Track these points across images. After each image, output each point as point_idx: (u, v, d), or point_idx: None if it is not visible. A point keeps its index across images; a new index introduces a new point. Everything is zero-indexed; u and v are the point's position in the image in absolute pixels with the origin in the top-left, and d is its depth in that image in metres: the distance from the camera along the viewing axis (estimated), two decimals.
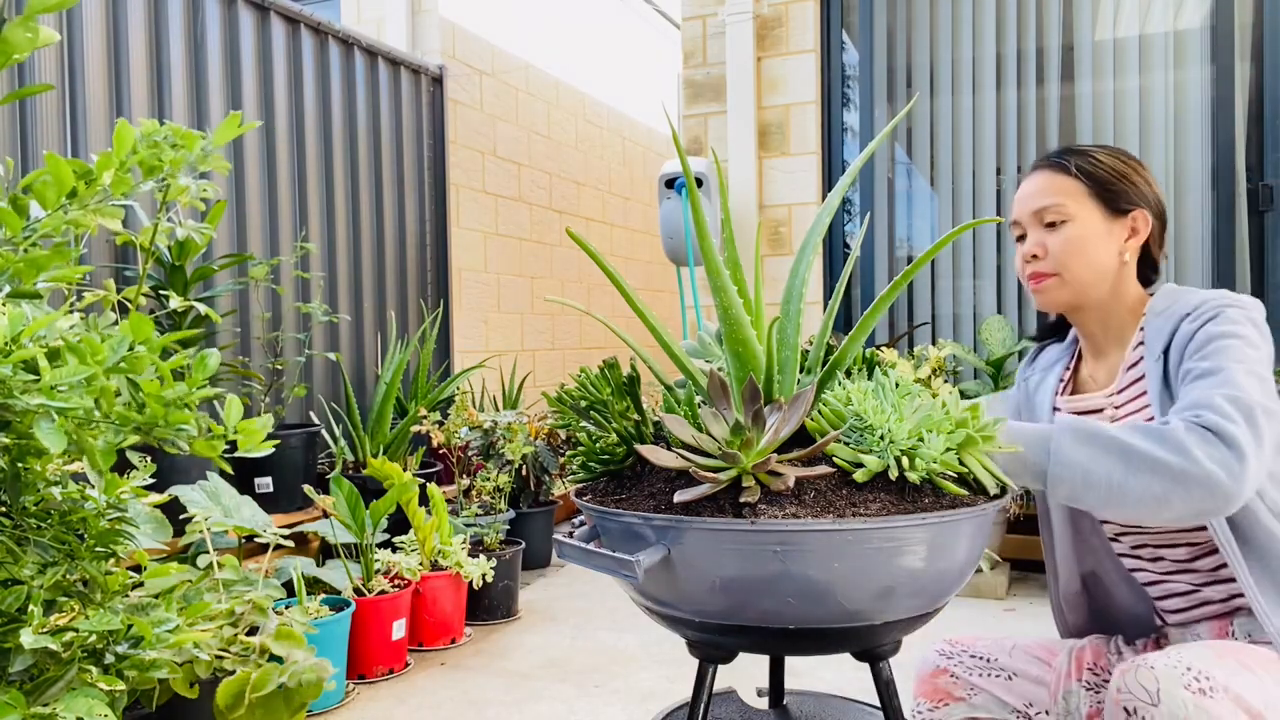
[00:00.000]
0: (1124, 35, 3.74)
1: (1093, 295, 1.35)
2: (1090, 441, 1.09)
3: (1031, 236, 1.36)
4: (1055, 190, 1.34)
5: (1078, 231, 1.33)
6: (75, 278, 1.11)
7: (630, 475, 1.07)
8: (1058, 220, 1.34)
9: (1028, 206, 1.37)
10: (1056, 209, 1.33)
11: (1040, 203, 1.35)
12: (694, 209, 1.01)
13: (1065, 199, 1.33)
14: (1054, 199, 1.34)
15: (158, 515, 1.94)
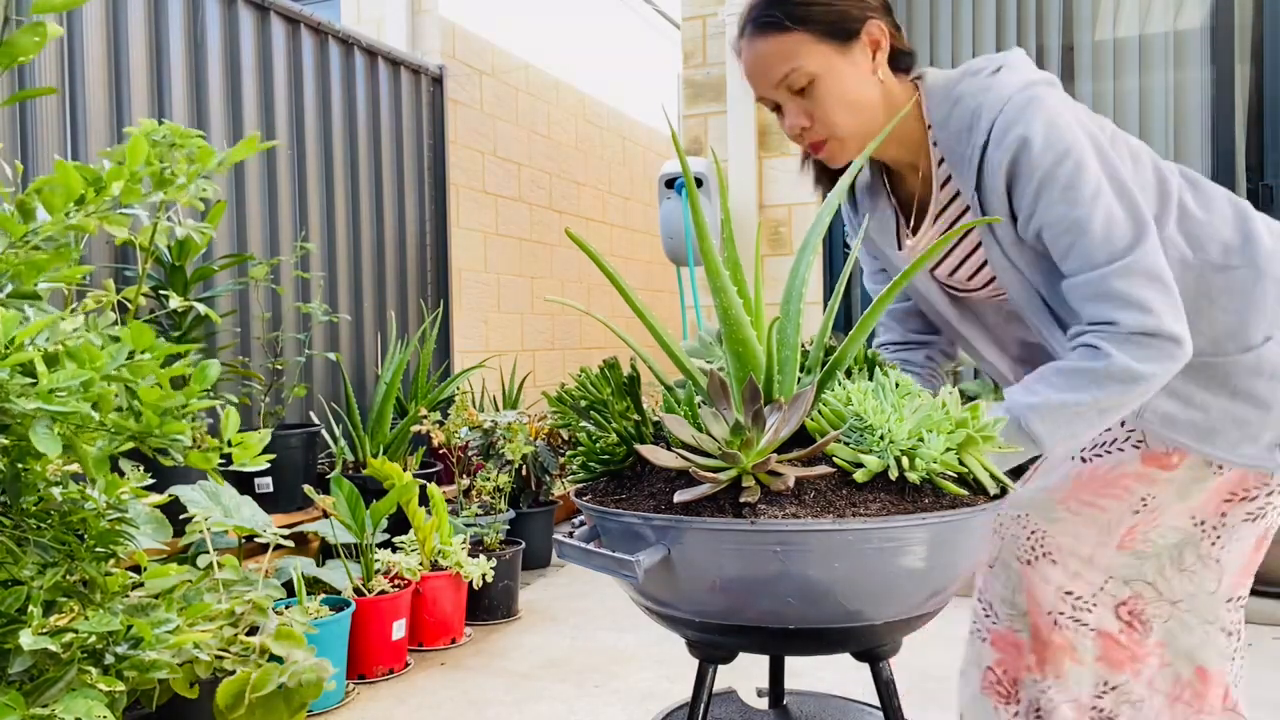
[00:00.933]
0: (1124, 35, 3.74)
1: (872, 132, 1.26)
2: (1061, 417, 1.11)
3: (788, 107, 1.26)
4: (784, 54, 1.22)
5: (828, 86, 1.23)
6: (76, 279, 1.11)
7: (630, 475, 1.07)
8: (805, 84, 1.23)
9: (767, 79, 1.25)
10: (795, 75, 1.22)
11: (778, 72, 1.23)
12: (694, 209, 1.01)
13: (799, 59, 1.22)
14: (789, 64, 1.22)
15: (158, 515, 1.94)
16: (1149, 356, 1.10)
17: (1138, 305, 1.10)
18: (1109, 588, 1.35)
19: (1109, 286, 1.12)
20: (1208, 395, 1.23)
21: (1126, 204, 1.15)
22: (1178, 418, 1.23)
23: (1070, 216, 1.15)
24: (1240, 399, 1.22)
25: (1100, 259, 1.13)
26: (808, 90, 1.24)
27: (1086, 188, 1.14)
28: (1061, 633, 1.36)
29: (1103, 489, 1.32)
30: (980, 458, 0.98)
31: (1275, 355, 1.23)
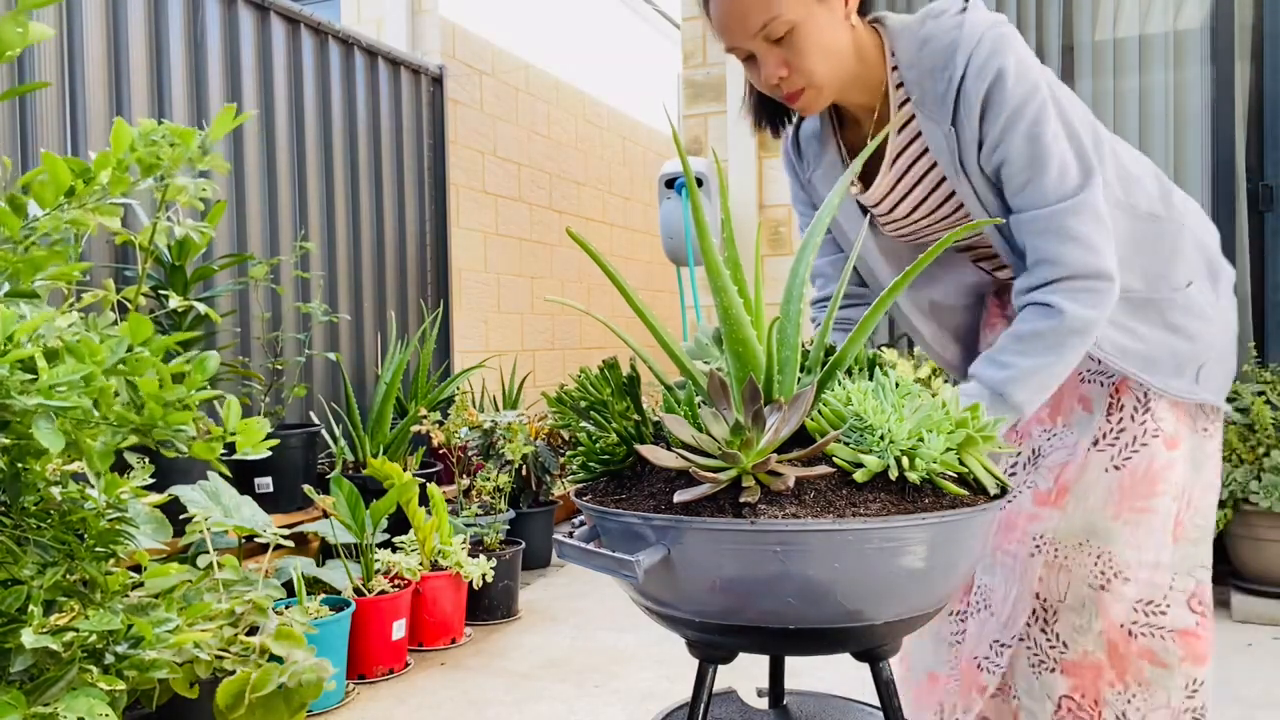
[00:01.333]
0: (1124, 35, 3.74)
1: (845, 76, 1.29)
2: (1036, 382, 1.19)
3: (765, 57, 1.25)
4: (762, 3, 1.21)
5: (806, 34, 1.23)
6: (74, 276, 1.11)
7: (630, 475, 1.07)
8: (784, 32, 1.22)
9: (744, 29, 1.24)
10: (774, 25, 1.22)
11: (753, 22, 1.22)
12: (694, 209, 1.01)
13: (779, 7, 1.21)
14: (769, 12, 1.21)
15: (158, 515, 1.94)
16: (1095, 302, 1.20)
17: (1084, 243, 1.19)
18: (1176, 584, 1.37)
19: (1060, 223, 1.20)
20: (1149, 329, 1.34)
21: (1077, 146, 1.24)
22: (1128, 348, 1.32)
23: (1030, 152, 1.22)
24: (1174, 332, 1.34)
25: (1052, 197, 1.21)
26: (786, 39, 1.23)
27: (1048, 126, 1.22)
28: (1138, 642, 1.36)
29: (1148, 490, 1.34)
30: (980, 458, 0.98)
31: (1197, 297, 1.36)
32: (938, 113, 1.27)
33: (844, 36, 1.27)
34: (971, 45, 1.23)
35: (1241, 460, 3.02)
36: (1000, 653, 1.41)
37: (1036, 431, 1.40)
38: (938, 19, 1.28)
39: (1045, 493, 1.38)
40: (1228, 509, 2.98)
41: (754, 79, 1.31)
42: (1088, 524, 1.35)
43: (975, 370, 1.22)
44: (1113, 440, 1.35)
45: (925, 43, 1.27)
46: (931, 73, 1.26)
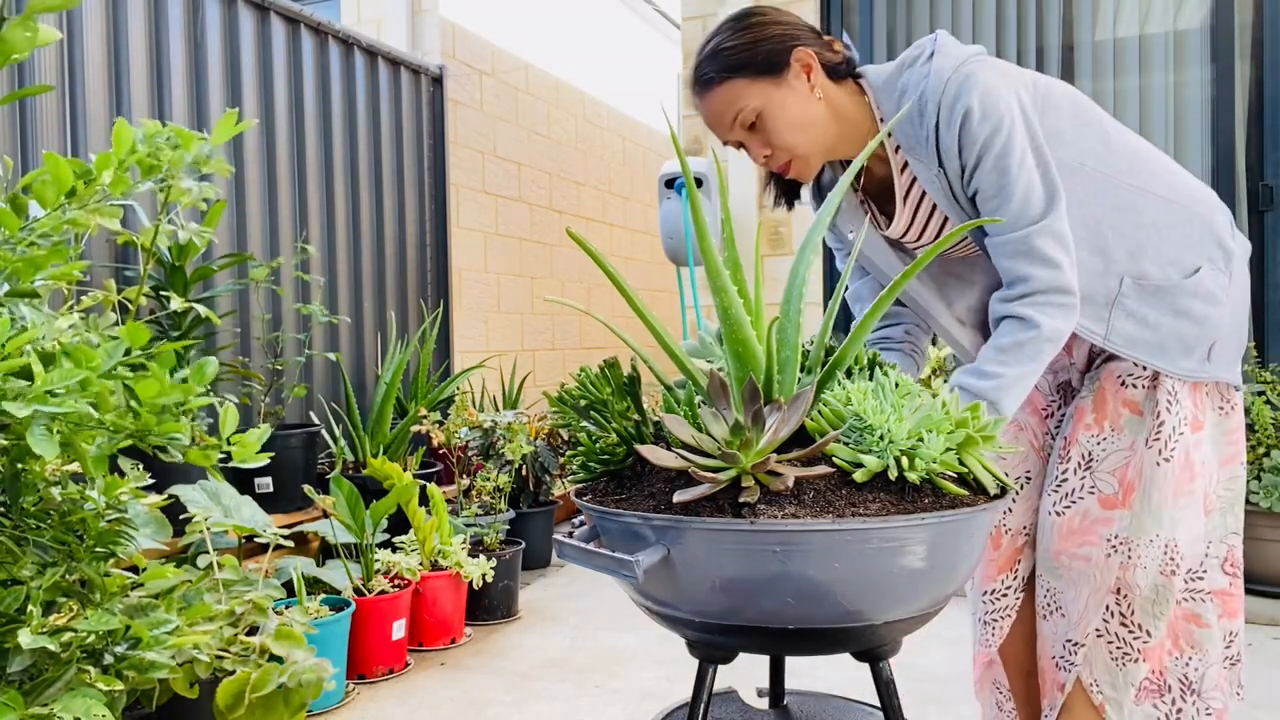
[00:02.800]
0: (1124, 35, 3.74)
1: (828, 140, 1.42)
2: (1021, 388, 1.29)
3: (748, 143, 1.42)
4: (727, 101, 1.38)
5: (774, 116, 1.38)
6: (74, 276, 1.11)
7: (630, 475, 1.07)
8: (753, 120, 1.38)
9: (723, 126, 1.41)
10: (743, 115, 1.38)
11: (726, 119, 1.39)
12: (694, 209, 1.01)
13: (740, 101, 1.37)
14: (733, 108, 1.38)
15: (157, 515, 1.94)
16: (1064, 314, 1.31)
17: (1050, 262, 1.31)
18: (1212, 550, 1.48)
19: (1028, 245, 1.31)
20: (1158, 315, 1.40)
21: (1044, 173, 1.33)
22: (1136, 337, 1.40)
23: (998, 183, 1.32)
24: (1182, 317, 1.40)
25: (1021, 222, 1.32)
26: (758, 124, 1.39)
27: (1013, 158, 1.32)
28: (1184, 607, 1.47)
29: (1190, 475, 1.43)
30: (980, 458, 0.98)
31: (1206, 281, 1.42)
32: (925, 157, 1.38)
33: (813, 108, 1.40)
34: (938, 95, 1.34)
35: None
36: (1075, 651, 1.47)
37: (1084, 437, 1.46)
38: (911, 68, 1.40)
39: (1111, 496, 1.44)
40: None
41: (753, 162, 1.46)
42: (1156, 518, 1.42)
43: (961, 381, 1.30)
44: (1156, 435, 1.41)
45: (902, 94, 1.40)
46: (911, 123, 1.38)
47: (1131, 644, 1.46)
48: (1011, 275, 1.33)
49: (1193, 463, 1.42)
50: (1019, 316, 1.30)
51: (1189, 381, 1.42)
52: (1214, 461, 1.48)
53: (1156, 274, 1.40)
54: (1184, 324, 1.40)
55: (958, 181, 1.36)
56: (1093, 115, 1.44)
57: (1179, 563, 1.42)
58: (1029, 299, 1.30)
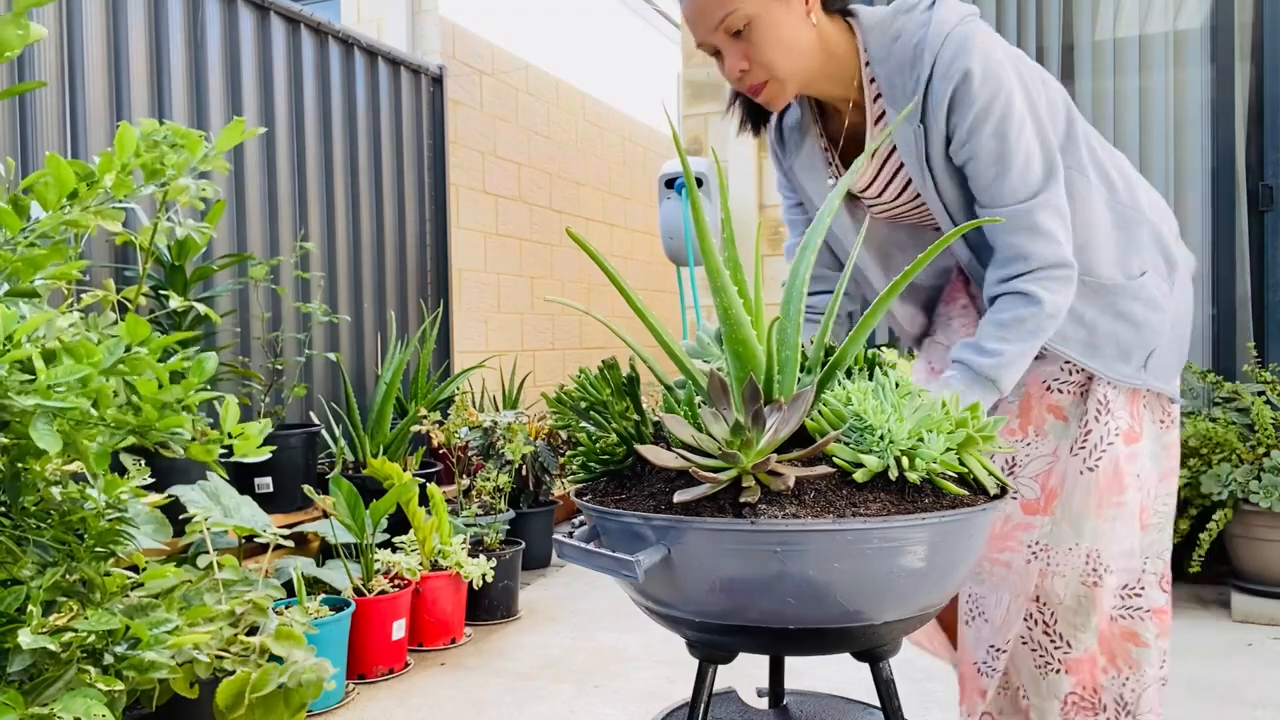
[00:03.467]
0: (1124, 35, 3.74)
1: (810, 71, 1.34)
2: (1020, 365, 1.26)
3: (727, 51, 1.31)
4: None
5: (764, 28, 1.28)
6: (73, 276, 1.11)
7: (630, 475, 1.07)
8: (742, 26, 1.28)
9: (706, 24, 1.29)
10: (733, 18, 1.27)
11: (713, 16, 1.28)
12: (694, 209, 1.01)
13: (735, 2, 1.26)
14: (726, 7, 1.27)
15: (158, 515, 1.94)
16: (1064, 289, 1.28)
17: (1050, 237, 1.27)
18: (1149, 567, 1.45)
19: (1029, 220, 1.27)
20: (1096, 314, 1.37)
21: (1043, 141, 1.29)
22: (1070, 334, 1.36)
23: (998, 150, 1.27)
24: (1121, 319, 1.37)
25: (1022, 194, 1.27)
26: (745, 32, 1.28)
27: (1014, 125, 1.26)
28: (1120, 624, 1.44)
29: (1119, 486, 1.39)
30: (980, 458, 0.98)
31: (1150, 286, 1.39)
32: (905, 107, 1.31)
33: (805, 33, 1.31)
34: (938, 45, 1.27)
35: (1241, 460, 3.02)
36: (997, 657, 1.44)
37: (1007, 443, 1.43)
38: (908, 14, 1.33)
39: (1034, 501, 1.41)
40: (1227, 509, 2.98)
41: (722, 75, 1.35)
42: (1076, 526, 1.39)
43: (962, 356, 1.27)
44: (1082, 444, 1.39)
45: (896, 39, 1.32)
46: (900, 68, 1.31)
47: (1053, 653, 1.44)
48: (1011, 251, 1.28)
49: (1123, 474, 1.38)
50: (1020, 292, 1.27)
51: (1125, 390, 1.39)
52: (1153, 475, 1.45)
53: (1102, 272, 1.37)
54: (1122, 326, 1.37)
55: (938, 142, 1.31)
56: (1061, 102, 1.40)
57: (1103, 575, 1.39)
58: (1029, 275, 1.27)
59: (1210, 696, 2.38)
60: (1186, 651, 2.72)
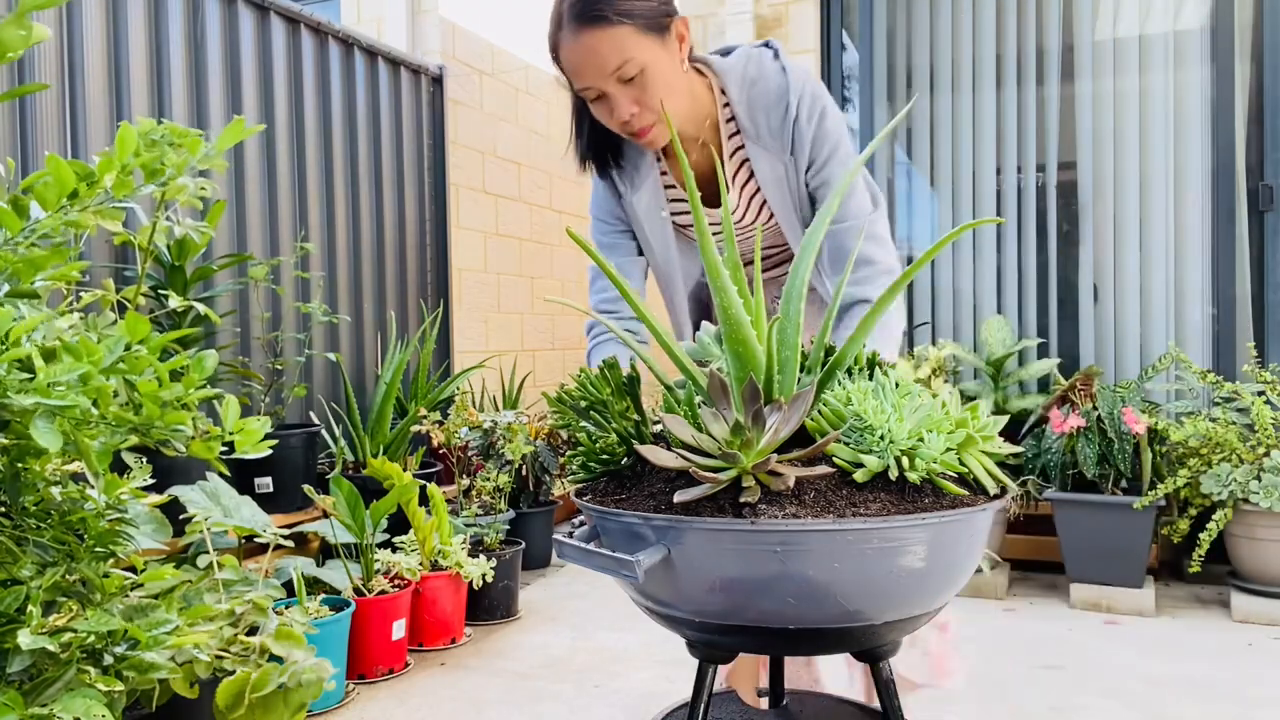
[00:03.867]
0: (1124, 35, 3.74)
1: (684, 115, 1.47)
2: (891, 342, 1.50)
3: (617, 96, 1.39)
4: (617, 46, 1.34)
5: (654, 75, 1.37)
6: (73, 277, 1.11)
7: (630, 475, 1.07)
8: (635, 73, 1.36)
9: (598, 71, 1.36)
10: (627, 66, 1.35)
11: (608, 64, 1.34)
12: (694, 209, 1.01)
13: (631, 51, 1.34)
14: (620, 55, 1.34)
15: (158, 515, 1.94)
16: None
17: (887, 246, 1.52)
18: None
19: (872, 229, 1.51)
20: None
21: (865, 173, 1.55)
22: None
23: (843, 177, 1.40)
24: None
25: (865, 209, 1.52)
26: (637, 79, 1.37)
27: (853, 159, 1.50)
28: None
29: None
30: (980, 458, 0.98)
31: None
32: (773, 145, 1.49)
33: (681, 78, 1.44)
34: (800, 89, 1.46)
35: (1241, 460, 3.02)
36: None
37: None
38: (760, 63, 1.51)
39: None
40: (1227, 509, 2.98)
41: (603, 117, 1.44)
42: None
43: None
44: None
45: (754, 83, 1.48)
46: (765, 110, 1.48)
47: None
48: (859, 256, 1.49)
49: None
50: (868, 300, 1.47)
51: None
52: None
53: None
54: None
55: (801, 171, 1.50)
56: None
57: None
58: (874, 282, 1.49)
59: (1210, 696, 2.38)
60: (1186, 651, 2.72)
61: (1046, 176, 3.85)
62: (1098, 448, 3.15)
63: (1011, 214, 3.88)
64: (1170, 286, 3.69)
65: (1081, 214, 3.79)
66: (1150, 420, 3.14)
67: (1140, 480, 3.15)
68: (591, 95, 1.41)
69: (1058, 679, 2.52)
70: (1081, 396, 3.30)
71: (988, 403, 3.27)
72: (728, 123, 1.52)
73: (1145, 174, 3.70)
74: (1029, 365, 3.62)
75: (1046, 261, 3.85)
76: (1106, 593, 3.13)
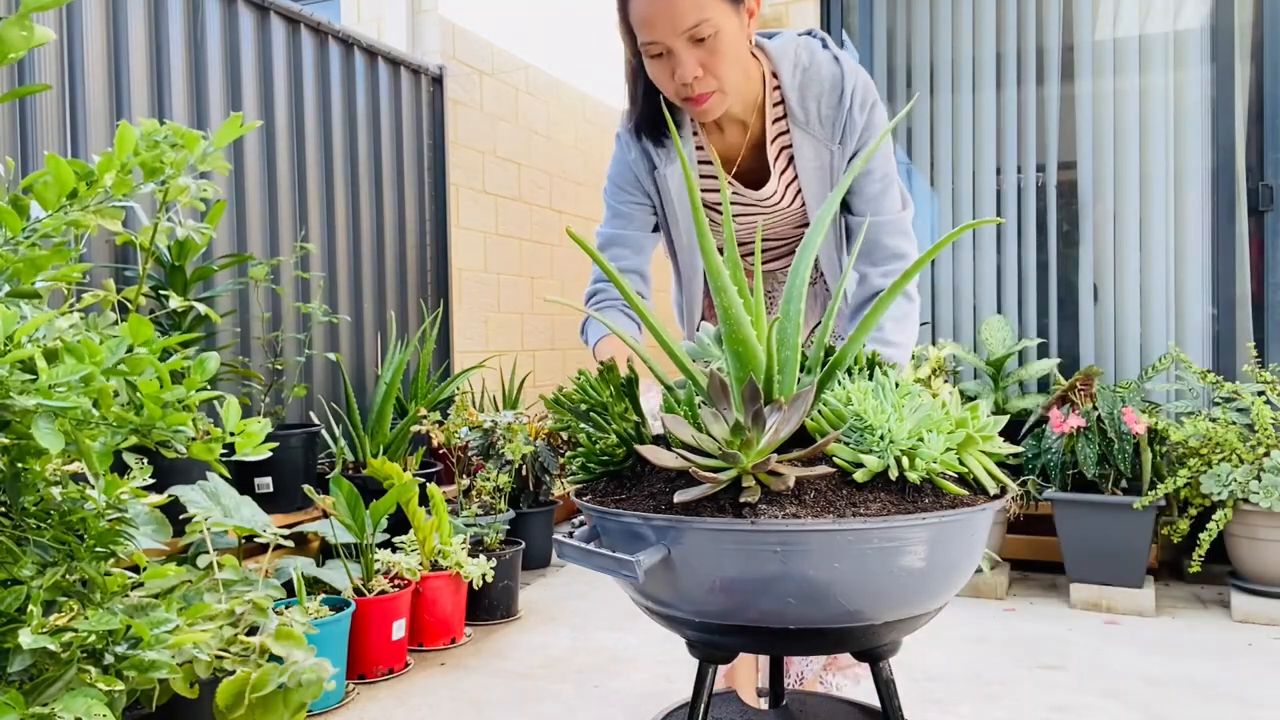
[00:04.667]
0: (1124, 35, 3.74)
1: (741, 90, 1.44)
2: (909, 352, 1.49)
3: (683, 56, 1.33)
4: (696, 3, 1.29)
5: (727, 41, 1.33)
6: (74, 277, 1.11)
7: (630, 475, 1.07)
8: (709, 35, 1.31)
9: (675, 26, 1.30)
10: (704, 26, 1.30)
11: (689, 21, 1.30)
12: (694, 209, 1.01)
13: (709, 11, 1.30)
14: (701, 14, 1.29)
15: (158, 515, 1.94)
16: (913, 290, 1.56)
17: (914, 239, 1.55)
18: None
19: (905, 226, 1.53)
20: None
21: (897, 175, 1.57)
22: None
23: (886, 170, 1.51)
24: None
25: (898, 207, 1.53)
26: (708, 42, 1.32)
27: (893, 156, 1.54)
28: None
29: None
30: (980, 458, 0.98)
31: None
32: (822, 132, 1.48)
33: (747, 51, 1.41)
34: (854, 79, 1.46)
35: (1241, 460, 3.02)
36: None
37: None
38: (811, 51, 1.50)
39: None
40: (1228, 509, 2.98)
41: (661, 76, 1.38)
42: None
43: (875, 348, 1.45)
44: None
45: (805, 70, 1.47)
46: (818, 96, 1.47)
47: None
48: (890, 250, 1.51)
49: None
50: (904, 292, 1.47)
51: None
52: None
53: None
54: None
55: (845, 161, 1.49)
56: None
57: None
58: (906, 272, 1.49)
59: (1210, 696, 2.38)
60: (1186, 651, 2.72)
61: (1046, 176, 3.85)
62: (1098, 448, 3.15)
63: (1011, 214, 3.88)
64: (1170, 286, 3.69)
65: (1081, 214, 3.79)
66: (1150, 420, 3.14)
67: (1140, 480, 3.15)
68: (654, 51, 1.34)
69: (1058, 679, 2.52)
70: (1081, 396, 3.30)
71: (988, 403, 3.27)
72: (775, 106, 1.50)
73: (1145, 174, 3.70)
74: (1029, 365, 3.62)
75: (1046, 261, 3.85)
76: (1106, 593, 3.13)
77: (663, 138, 1.55)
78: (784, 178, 1.54)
